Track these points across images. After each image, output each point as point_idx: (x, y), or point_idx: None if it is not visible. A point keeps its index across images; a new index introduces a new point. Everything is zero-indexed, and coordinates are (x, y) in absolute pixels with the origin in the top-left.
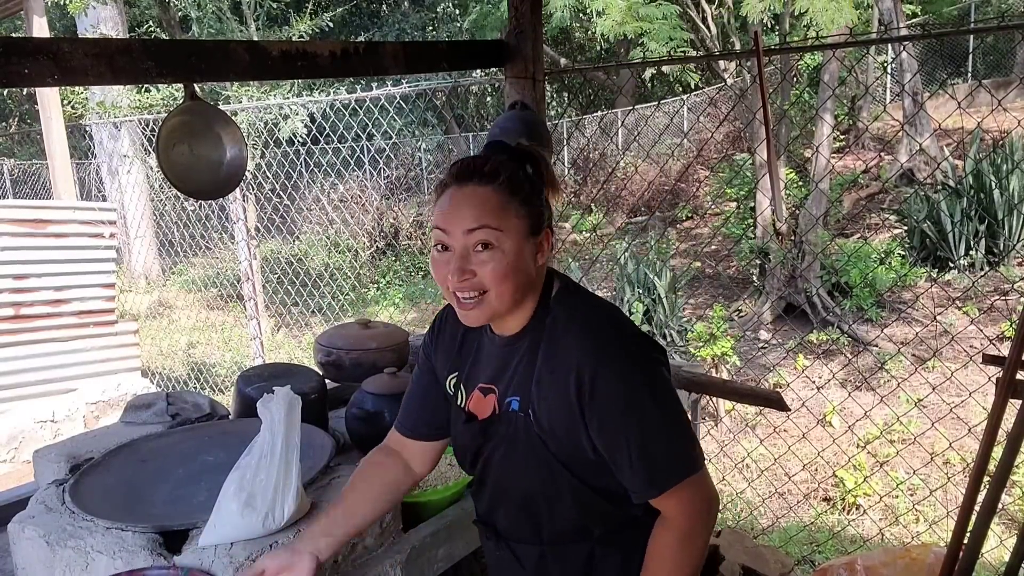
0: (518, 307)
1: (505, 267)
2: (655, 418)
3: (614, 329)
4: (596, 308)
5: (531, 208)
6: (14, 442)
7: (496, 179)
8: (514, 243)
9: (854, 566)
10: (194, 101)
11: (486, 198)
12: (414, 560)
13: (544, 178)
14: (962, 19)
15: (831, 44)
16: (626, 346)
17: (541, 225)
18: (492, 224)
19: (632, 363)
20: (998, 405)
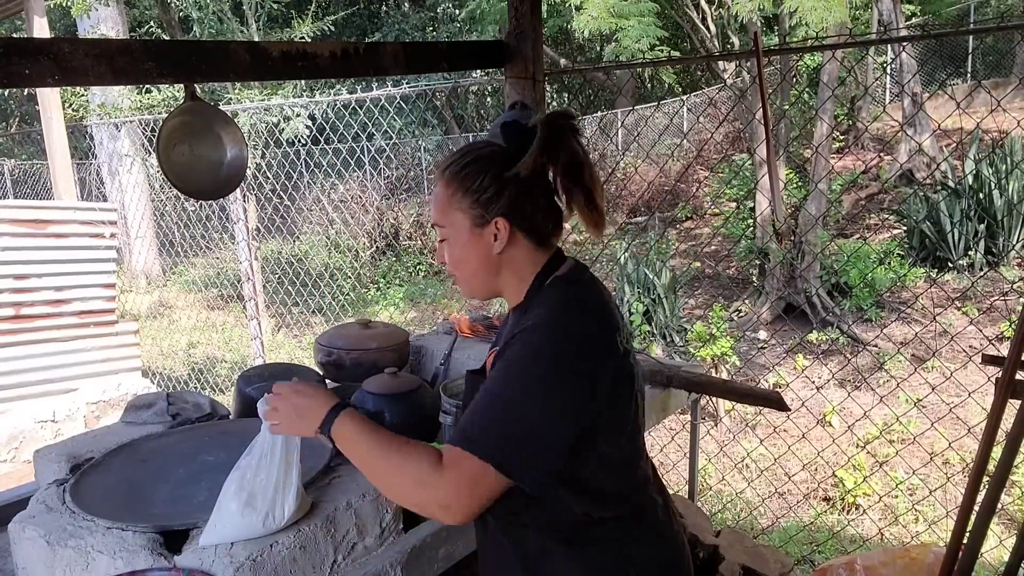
0: (497, 286)
1: (455, 258)
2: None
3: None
4: (568, 297)
5: (476, 199)
6: (14, 442)
7: (443, 175)
8: (461, 237)
9: (854, 566)
10: (195, 102)
11: (436, 195)
12: (414, 560)
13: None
14: (962, 19)
15: (831, 44)
16: (551, 336)
17: (486, 217)
18: (439, 223)
19: (538, 352)
20: (998, 405)
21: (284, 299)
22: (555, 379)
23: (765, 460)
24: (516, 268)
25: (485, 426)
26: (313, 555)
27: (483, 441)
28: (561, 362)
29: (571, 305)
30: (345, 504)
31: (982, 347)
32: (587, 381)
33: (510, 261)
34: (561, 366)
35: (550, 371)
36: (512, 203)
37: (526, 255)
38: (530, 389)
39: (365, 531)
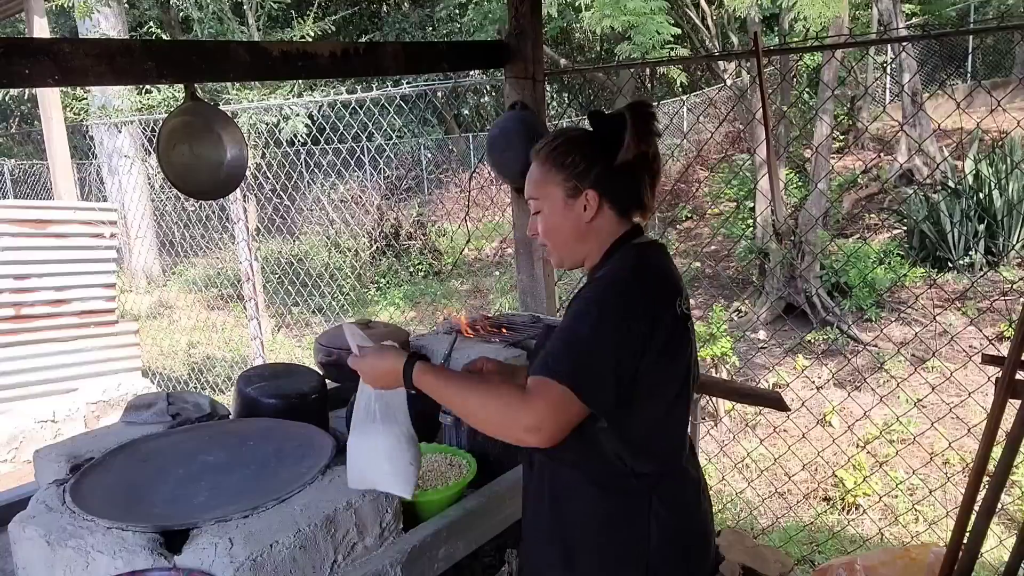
0: (583, 253)
1: (548, 227)
2: (575, 334)
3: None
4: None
5: (569, 174)
6: (15, 442)
7: (538, 155)
8: (554, 207)
9: (854, 566)
10: (195, 102)
11: (532, 172)
12: (414, 560)
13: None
14: (962, 19)
15: (831, 44)
16: (619, 289)
17: (579, 188)
18: (533, 195)
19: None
20: (997, 405)
21: (284, 299)
22: (619, 318)
23: (765, 460)
24: (601, 237)
25: (562, 357)
26: (313, 555)
27: (562, 368)
28: (626, 305)
29: (640, 264)
30: (345, 504)
31: (982, 347)
32: (645, 324)
33: (597, 230)
34: (625, 308)
35: (616, 311)
36: (600, 177)
37: (610, 225)
38: (599, 325)
39: (365, 531)
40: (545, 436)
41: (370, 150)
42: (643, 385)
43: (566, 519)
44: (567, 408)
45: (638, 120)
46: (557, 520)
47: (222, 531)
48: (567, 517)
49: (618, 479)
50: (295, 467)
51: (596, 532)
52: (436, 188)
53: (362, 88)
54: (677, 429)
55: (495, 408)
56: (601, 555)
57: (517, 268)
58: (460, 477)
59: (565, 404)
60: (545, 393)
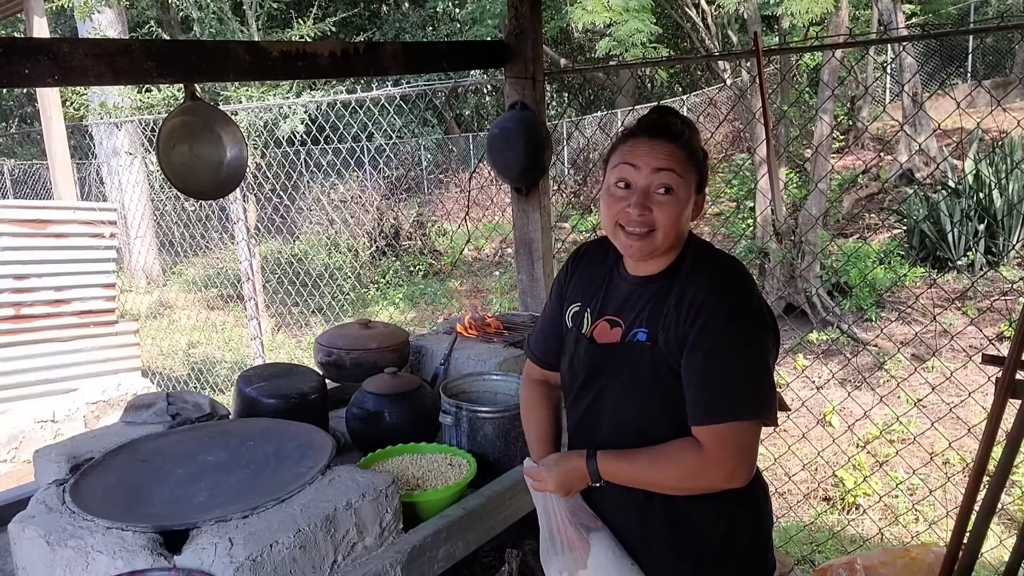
0: (668, 250)
1: (677, 211)
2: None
3: (740, 280)
4: (729, 262)
5: (700, 168)
6: (14, 442)
7: (681, 138)
8: (687, 194)
9: (854, 566)
10: (194, 101)
11: (672, 151)
12: (414, 560)
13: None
14: (962, 19)
15: (831, 44)
16: (745, 296)
17: (704, 185)
18: (677, 170)
19: (743, 310)
20: (998, 405)
21: (284, 299)
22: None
23: (765, 460)
24: (683, 236)
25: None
26: (313, 555)
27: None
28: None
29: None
30: (345, 504)
31: (982, 347)
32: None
33: (687, 229)
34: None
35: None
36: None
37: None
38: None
39: (365, 531)
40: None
41: (370, 150)
42: None
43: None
44: (752, 440)
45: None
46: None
47: (222, 531)
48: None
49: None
50: (295, 467)
51: (721, 536)
52: (436, 188)
53: (362, 88)
54: None
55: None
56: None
57: (517, 268)
58: (460, 477)
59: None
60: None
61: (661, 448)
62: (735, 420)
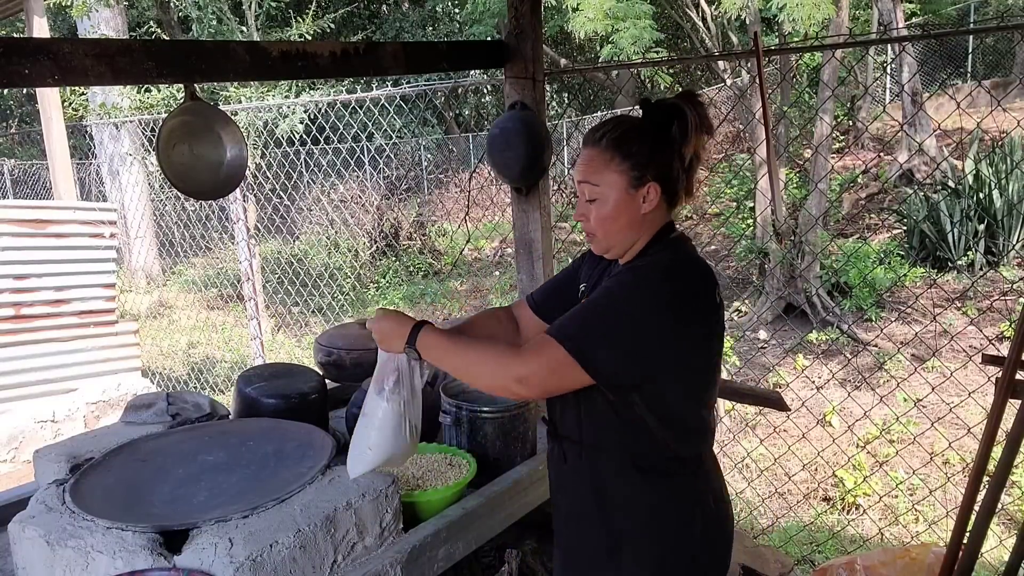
0: (631, 243)
1: (605, 215)
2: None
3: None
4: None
5: (635, 163)
6: (14, 442)
7: (599, 142)
8: (614, 195)
9: (854, 566)
10: (194, 101)
11: (590, 158)
12: (414, 560)
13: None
14: (962, 19)
15: (831, 44)
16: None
17: (643, 179)
18: (592, 181)
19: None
20: (998, 405)
21: (284, 299)
22: (659, 304)
23: (765, 460)
24: (650, 229)
25: (579, 325)
26: (313, 555)
27: (568, 333)
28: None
29: (682, 257)
30: (345, 504)
31: (982, 347)
32: (687, 318)
33: (650, 222)
34: (667, 296)
35: (657, 296)
36: (663, 169)
37: (659, 218)
38: (624, 304)
39: (365, 531)
40: (534, 389)
41: (370, 150)
42: (685, 371)
43: (612, 506)
44: (561, 370)
45: (698, 110)
46: (601, 508)
47: (222, 531)
48: (613, 504)
49: (663, 463)
50: (295, 467)
51: (645, 518)
52: (436, 188)
53: (362, 88)
54: (709, 416)
55: (490, 358)
56: (650, 541)
57: (517, 268)
58: (460, 477)
59: (561, 365)
60: (544, 350)
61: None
62: (556, 338)
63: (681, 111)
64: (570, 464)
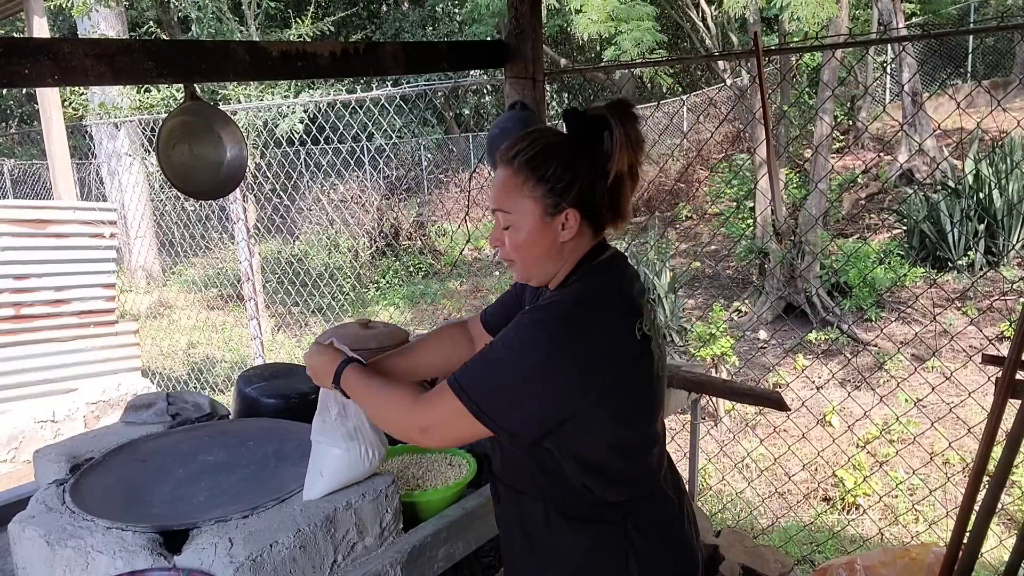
0: (553, 271)
1: (518, 243)
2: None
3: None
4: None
5: (551, 187)
6: (14, 442)
7: (512, 162)
8: (528, 224)
9: (854, 566)
10: (194, 101)
11: (504, 181)
12: (414, 560)
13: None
14: (962, 19)
15: (831, 44)
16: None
17: (559, 206)
18: (504, 208)
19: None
20: (998, 405)
21: (284, 299)
22: (556, 355)
23: (765, 460)
24: (574, 255)
25: (477, 374)
26: (313, 555)
27: (467, 384)
28: (568, 342)
29: (596, 291)
30: (345, 504)
31: (982, 347)
32: (590, 366)
33: (572, 249)
34: (566, 345)
35: (554, 346)
36: (583, 193)
37: (584, 243)
38: (529, 355)
39: (365, 531)
40: (436, 440)
41: (370, 150)
42: (596, 422)
43: (542, 553)
44: (458, 422)
45: (626, 124)
46: (533, 552)
47: (222, 531)
48: (542, 551)
49: (589, 509)
50: (295, 467)
51: (575, 566)
52: (436, 188)
53: (362, 88)
54: (649, 453)
55: (397, 405)
56: None
57: None
58: (460, 477)
59: (458, 417)
60: (443, 401)
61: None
62: (454, 389)
63: (607, 124)
64: (502, 505)
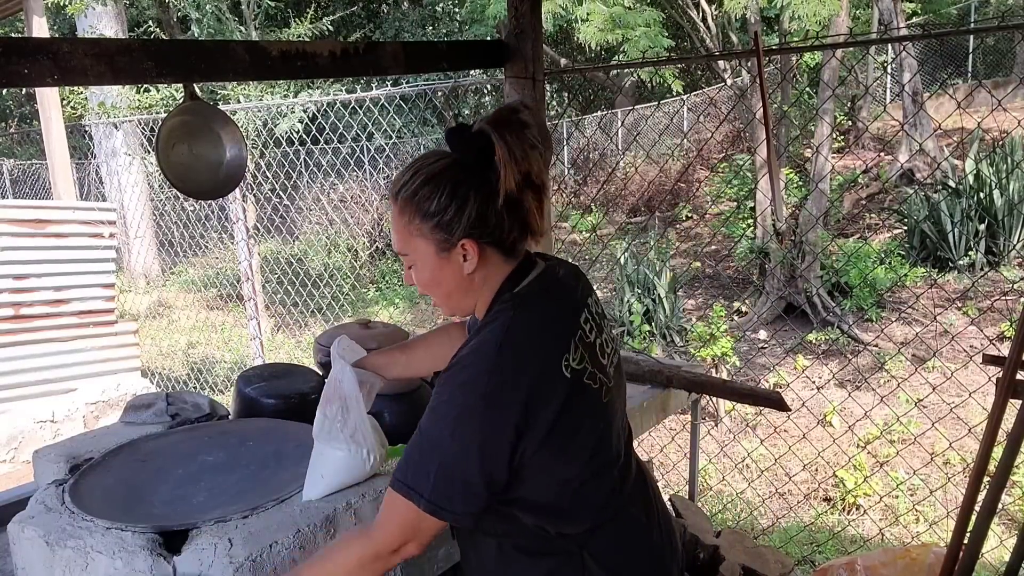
0: (473, 302)
1: (426, 282)
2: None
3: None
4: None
5: (436, 223)
6: (14, 442)
7: (396, 198)
8: (427, 262)
9: (854, 566)
10: (194, 101)
11: (394, 221)
12: (414, 560)
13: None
14: (962, 19)
15: (831, 44)
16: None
17: (451, 240)
18: (402, 251)
19: (461, 388)
20: (998, 405)
21: (283, 299)
22: (479, 419)
23: (765, 460)
24: (490, 282)
25: (419, 470)
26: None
27: (418, 485)
28: (488, 401)
29: (509, 336)
30: (345, 505)
31: (983, 347)
32: (515, 417)
33: (484, 278)
34: (488, 404)
35: (475, 411)
36: (475, 220)
37: (497, 269)
38: (455, 429)
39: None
40: (411, 553)
41: (370, 150)
42: (536, 464)
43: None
44: (424, 525)
45: (508, 136)
46: None
47: (221, 531)
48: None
49: (543, 543)
50: (295, 467)
51: None
52: None
53: (362, 88)
54: (599, 483)
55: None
56: None
57: None
58: None
59: (422, 522)
60: (399, 513)
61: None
62: (406, 496)
63: (488, 141)
64: (460, 537)
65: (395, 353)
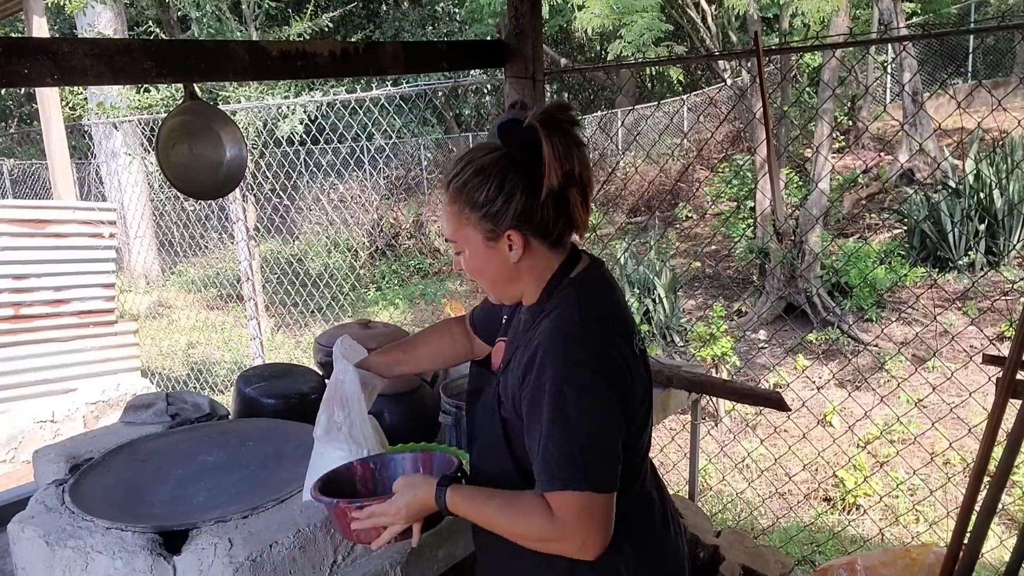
0: (519, 291)
1: (474, 270)
2: (568, 423)
3: (579, 328)
4: (580, 304)
5: (484, 213)
6: (14, 442)
7: (447, 189)
8: (475, 250)
9: (854, 566)
10: (194, 101)
11: (445, 210)
12: (414, 560)
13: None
14: (962, 19)
15: (831, 44)
16: (579, 347)
17: (498, 231)
18: (452, 238)
19: (575, 365)
20: (998, 405)
21: (283, 299)
22: (599, 388)
23: (765, 460)
24: (536, 272)
25: (566, 461)
26: (313, 555)
27: (574, 475)
28: (596, 370)
29: (586, 312)
30: None
31: (983, 347)
32: (619, 386)
33: (529, 268)
34: (595, 374)
35: (591, 381)
36: (521, 212)
37: (543, 259)
38: (583, 407)
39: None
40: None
41: (370, 150)
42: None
43: (527, 565)
44: (598, 510)
45: (555, 135)
46: (517, 564)
47: (221, 531)
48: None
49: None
50: (295, 467)
51: None
52: (436, 188)
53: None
54: (643, 459)
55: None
56: None
57: None
58: None
59: (595, 508)
60: (570, 508)
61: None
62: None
63: (537, 136)
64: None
65: (396, 352)
